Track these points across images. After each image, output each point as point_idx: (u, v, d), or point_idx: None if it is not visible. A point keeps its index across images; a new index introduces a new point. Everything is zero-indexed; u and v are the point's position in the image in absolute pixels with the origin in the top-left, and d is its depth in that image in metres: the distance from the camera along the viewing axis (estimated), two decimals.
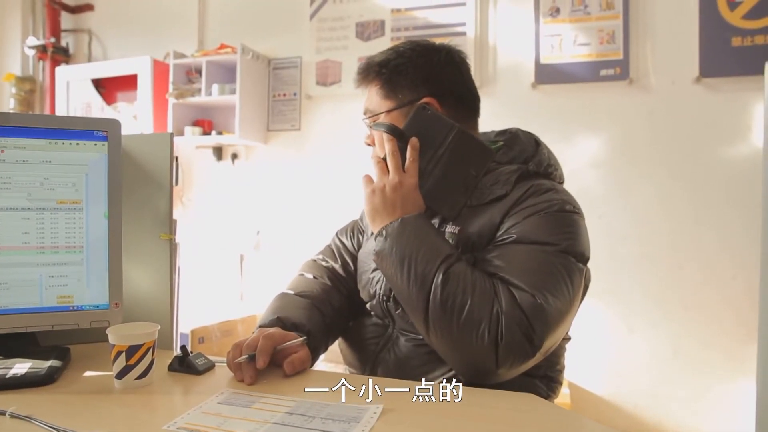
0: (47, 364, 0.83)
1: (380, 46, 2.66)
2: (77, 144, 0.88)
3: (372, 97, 1.01)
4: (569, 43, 2.49)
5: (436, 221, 0.95)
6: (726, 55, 2.26)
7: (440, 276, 0.82)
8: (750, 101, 2.23)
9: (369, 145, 1.04)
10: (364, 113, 1.03)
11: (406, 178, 0.92)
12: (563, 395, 2.25)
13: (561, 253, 0.85)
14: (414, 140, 0.93)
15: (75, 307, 0.89)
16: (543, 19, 2.52)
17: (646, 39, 2.38)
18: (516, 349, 0.78)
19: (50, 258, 0.87)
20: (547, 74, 2.52)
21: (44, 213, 0.86)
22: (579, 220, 0.91)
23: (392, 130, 0.93)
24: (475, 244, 0.89)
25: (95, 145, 0.89)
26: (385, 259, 0.88)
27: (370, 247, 1.03)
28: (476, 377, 0.82)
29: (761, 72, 2.22)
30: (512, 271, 0.83)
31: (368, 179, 0.96)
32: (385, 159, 0.94)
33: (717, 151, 2.28)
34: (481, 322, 0.78)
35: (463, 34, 2.63)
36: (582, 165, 2.44)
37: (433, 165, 0.93)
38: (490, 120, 1.09)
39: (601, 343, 2.39)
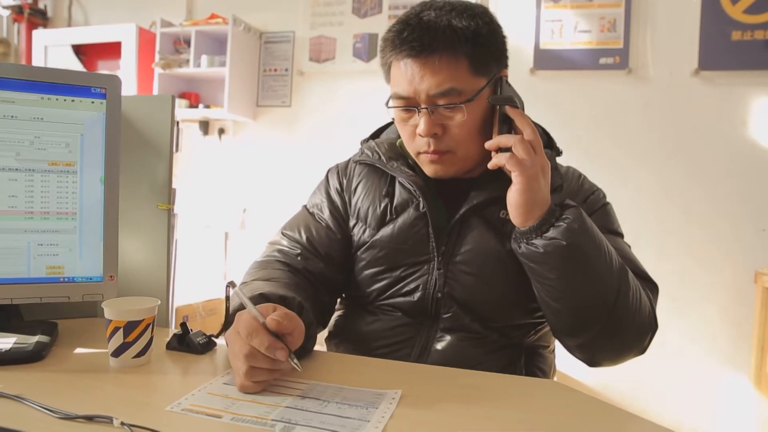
0: (34, 339, 0.76)
1: (377, 23, 2.57)
2: (72, 101, 0.80)
3: (454, 72, 0.79)
4: (570, 30, 2.45)
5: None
6: (725, 48, 2.25)
7: (625, 271, 0.81)
8: (747, 95, 2.23)
9: (436, 135, 0.82)
10: (446, 93, 0.79)
11: (546, 162, 0.80)
12: None
13: (624, 238, 0.93)
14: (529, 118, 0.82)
15: (66, 279, 0.82)
16: (544, 3, 2.48)
17: (647, 29, 2.36)
18: (654, 334, 0.84)
19: (40, 224, 0.80)
20: (546, 60, 2.48)
21: (34, 175, 0.79)
22: None
23: (518, 105, 0.84)
24: None
25: (92, 102, 0.81)
26: (576, 252, 0.75)
27: (383, 240, 0.90)
28: (610, 363, 0.88)
29: (760, 67, 2.22)
30: (625, 261, 0.83)
31: (521, 162, 0.76)
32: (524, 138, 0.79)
33: (712, 144, 2.28)
34: (649, 313, 0.83)
35: None
36: (577, 152, 2.41)
37: None
38: None
39: None
